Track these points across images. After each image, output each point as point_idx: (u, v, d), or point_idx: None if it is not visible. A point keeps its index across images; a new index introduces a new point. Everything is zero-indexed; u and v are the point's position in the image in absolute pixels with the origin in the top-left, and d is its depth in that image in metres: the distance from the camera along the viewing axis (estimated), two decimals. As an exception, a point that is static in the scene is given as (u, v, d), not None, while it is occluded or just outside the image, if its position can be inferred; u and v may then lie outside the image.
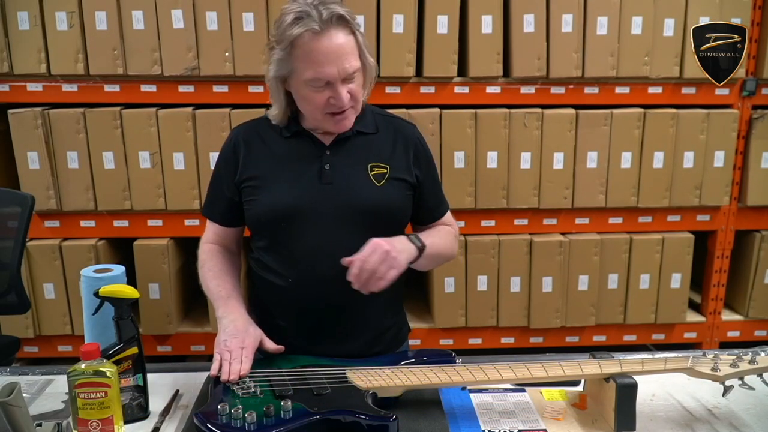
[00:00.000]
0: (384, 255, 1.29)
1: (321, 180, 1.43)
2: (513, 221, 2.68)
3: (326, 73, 1.32)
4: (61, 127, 2.46)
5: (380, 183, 1.44)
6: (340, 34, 1.33)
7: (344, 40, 1.33)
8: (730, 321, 2.87)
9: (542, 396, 1.36)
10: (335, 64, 1.32)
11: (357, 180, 1.44)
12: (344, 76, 1.34)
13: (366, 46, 1.39)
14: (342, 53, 1.33)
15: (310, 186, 1.43)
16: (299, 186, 1.43)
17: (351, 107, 1.39)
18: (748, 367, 1.21)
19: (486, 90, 2.57)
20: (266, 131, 1.50)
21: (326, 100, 1.36)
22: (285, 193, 1.43)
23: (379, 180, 1.44)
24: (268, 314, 1.53)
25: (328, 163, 1.44)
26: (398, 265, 1.31)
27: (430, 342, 2.73)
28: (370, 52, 1.42)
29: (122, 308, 1.24)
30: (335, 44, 1.32)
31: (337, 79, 1.33)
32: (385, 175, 1.45)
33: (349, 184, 1.43)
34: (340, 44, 1.33)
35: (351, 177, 1.44)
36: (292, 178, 1.44)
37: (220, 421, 1.14)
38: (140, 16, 2.41)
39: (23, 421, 1.07)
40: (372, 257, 1.28)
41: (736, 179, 2.72)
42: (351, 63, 1.34)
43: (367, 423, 1.15)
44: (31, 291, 2.53)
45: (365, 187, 1.43)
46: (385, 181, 1.45)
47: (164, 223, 2.59)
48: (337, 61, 1.32)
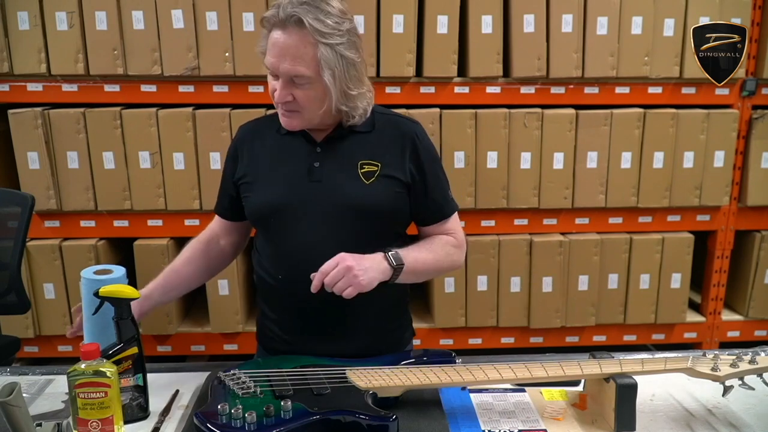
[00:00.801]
0: (344, 271, 1.28)
1: (310, 178, 1.44)
2: (513, 221, 2.68)
3: (269, 62, 1.36)
4: (61, 127, 2.46)
5: (369, 181, 1.43)
6: (296, 36, 1.32)
7: (294, 43, 1.32)
8: (730, 321, 2.87)
9: (542, 396, 1.36)
10: (277, 59, 1.34)
11: (345, 178, 1.43)
12: (285, 75, 1.35)
13: (331, 64, 1.33)
14: (286, 53, 1.33)
15: (299, 184, 1.44)
16: (289, 183, 1.44)
17: (295, 111, 1.39)
18: (748, 367, 1.21)
19: (486, 90, 2.57)
20: (267, 129, 1.52)
21: (273, 90, 1.39)
22: (275, 190, 1.45)
23: (368, 178, 1.43)
24: (265, 311, 1.56)
25: (318, 161, 1.45)
26: (357, 284, 1.28)
27: (430, 342, 2.73)
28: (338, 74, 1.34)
29: (122, 308, 1.24)
30: (284, 41, 1.33)
31: (279, 74, 1.35)
32: (375, 173, 1.44)
33: (337, 182, 1.43)
34: (288, 44, 1.33)
35: (339, 175, 1.44)
36: (282, 175, 1.46)
37: (220, 421, 1.14)
38: (140, 16, 2.41)
39: (23, 421, 1.07)
40: (332, 272, 1.28)
41: (736, 179, 2.72)
42: (293, 66, 1.33)
43: (367, 423, 1.15)
44: (31, 291, 2.53)
45: (353, 185, 1.42)
46: (374, 179, 1.43)
47: (164, 223, 2.59)
48: (279, 57, 1.34)
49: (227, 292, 2.63)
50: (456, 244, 1.52)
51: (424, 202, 1.50)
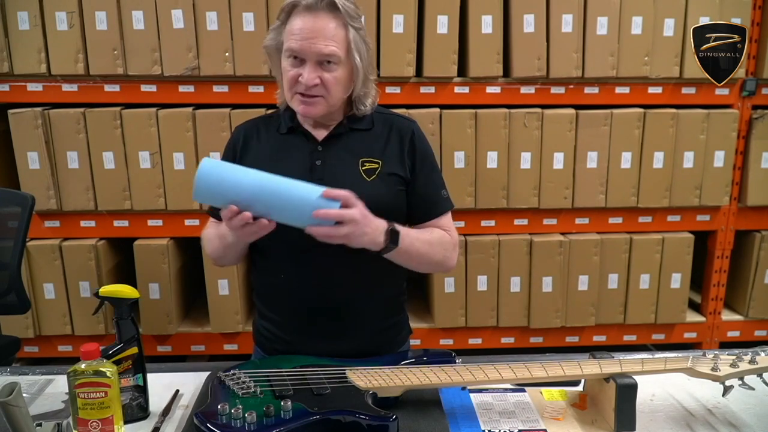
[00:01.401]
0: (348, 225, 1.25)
1: (312, 176, 1.43)
2: (513, 221, 2.68)
3: (300, 46, 1.35)
4: (61, 127, 2.47)
5: (371, 178, 1.44)
6: (327, 18, 1.36)
7: (328, 25, 1.36)
8: (730, 321, 2.87)
9: (542, 396, 1.36)
10: (310, 42, 1.35)
11: (347, 175, 1.43)
12: (317, 57, 1.35)
13: (359, 46, 1.39)
14: (321, 35, 1.35)
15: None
16: None
17: (320, 96, 1.39)
18: (748, 367, 1.21)
19: (486, 90, 2.57)
20: (265, 128, 1.52)
21: (296, 77, 1.38)
22: None
23: (370, 175, 1.44)
24: (265, 311, 1.54)
25: (319, 159, 1.45)
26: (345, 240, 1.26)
27: (430, 342, 2.73)
28: (363, 57, 1.41)
29: (122, 308, 1.24)
30: (318, 24, 1.35)
31: (309, 57, 1.36)
32: (376, 170, 1.45)
33: (339, 179, 1.42)
34: (322, 26, 1.35)
35: (341, 172, 1.44)
36: (283, 173, 1.44)
37: (220, 421, 1.14)
38: (140, 16, 2.42)
39: (23, 421, 1.07)
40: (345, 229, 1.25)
41: (736, 179, 2.72)
42: (328, 47, 1.35)
43: (367, 423, 1.15)
44: (31, 291, 2.54)
45: (355, 182, 1.42)
46: (376, 176, 1.44)
47: (164, 223, 2.59)
48: (313, 40, 1.35)
49: (227, 292, 2.63)
50: (452, 243, 1.52)
51: (418, 198, 1.49)
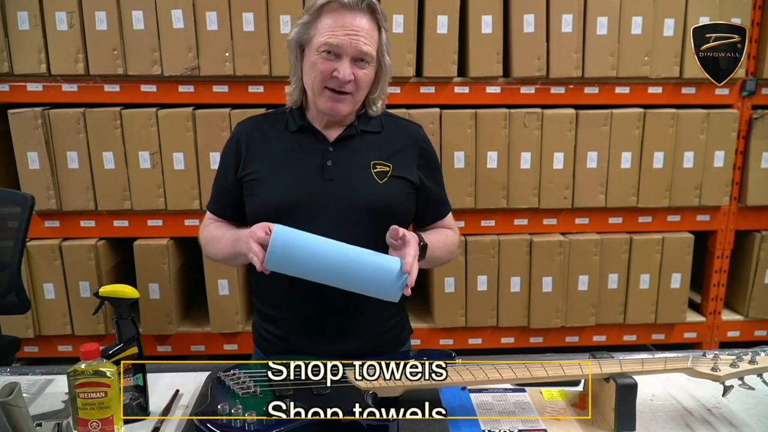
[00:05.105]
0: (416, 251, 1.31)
1: (323, 176, 1.43)
2: (513, 221, 2.68)
3: (339, 41, 1.37)
4: (61, 127, 2.46)
5: (382, 181, 1.45)
6: (364, 18, 1.39)
7: (366, 26, 1.39)
8: (730, 321, 2.87)
9: (542, 396, 1.36)
10: (350, 38, 1.37)
11: (359, 177, 1.44)
12: (355, 54, 1.38)
13: (388, 48, 1.44)
14: (360, 33, 1.38)
15: (311, 182, 1.43)
16: (301, 181, 1.43)
17: (350, 94, 1.41)
18: (748, 367, 1.21)
19: (486, 90, 2.57)
20: (270, 126, 1.51)
21: (330, 71, 1.38)
22: (286, 188, 1.43)
23: (382, 178, 1.45)
24: (267, 312, 1.53)
25: (330, 159, 1.45)
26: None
27: (430, 342, 2.73)
28: (391, 59, 1.46)
29: (122, 308, 1.24)
30: (357, 23, 1.38)
31: (348, 53, 1.37)
32: (387, 173, 1.45)
33: (351, 181, 1.43)
34: (361, 25, 1.38)
35: (353, 174, 1.44)
36: (293, 173, 1.44)
37: (220, 421, 1.14)
38: (140, 16, 2.41)
39: (23, 421, 1.07)
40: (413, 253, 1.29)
41: (736, 179, 2.72)
42: (366, 45, 1.38)
43: (367, 423, 1.15)
44: (31, 291, 2.53)
45: (367, 184, 1.43)
46: (387, 179, 1.45)
47: (164, 223, 2.59)
48: (353, 37, 1.37)
49: (227, 292, 2.63)
50: (458, 241, 1.61)
51: (427, 204, 1.54)
